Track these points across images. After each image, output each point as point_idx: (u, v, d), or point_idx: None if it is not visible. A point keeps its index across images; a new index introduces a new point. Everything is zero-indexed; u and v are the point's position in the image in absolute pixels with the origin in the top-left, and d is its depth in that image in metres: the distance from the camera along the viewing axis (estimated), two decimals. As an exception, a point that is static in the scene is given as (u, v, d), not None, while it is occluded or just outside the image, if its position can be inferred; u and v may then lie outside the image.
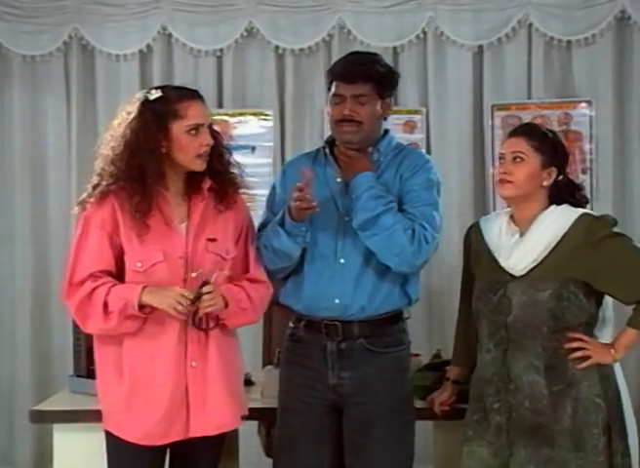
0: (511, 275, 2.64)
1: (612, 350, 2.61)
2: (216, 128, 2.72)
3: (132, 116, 2.54)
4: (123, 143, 2.53)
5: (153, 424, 2.54)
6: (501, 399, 2.62)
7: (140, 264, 2.54)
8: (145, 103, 2.56)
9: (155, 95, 2.57)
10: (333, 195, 2.78)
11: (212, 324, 2.58)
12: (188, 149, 2.55)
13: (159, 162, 2.54)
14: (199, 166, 2.58)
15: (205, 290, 2.49)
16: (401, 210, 2.71)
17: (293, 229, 2.69)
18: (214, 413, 2.58)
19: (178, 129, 2.54)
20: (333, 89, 2.77)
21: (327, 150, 2.85)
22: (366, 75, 2.73)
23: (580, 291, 2.58)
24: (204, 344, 2.58)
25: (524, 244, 2.64)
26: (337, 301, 2.73)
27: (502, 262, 2.66)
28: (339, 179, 2.79)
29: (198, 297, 2.49)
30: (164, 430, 2.54)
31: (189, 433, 2.56)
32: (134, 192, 2.51)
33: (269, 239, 2.74)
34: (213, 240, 2.61)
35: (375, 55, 2.96)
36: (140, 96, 2.60)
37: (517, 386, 2.60)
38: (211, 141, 2.57)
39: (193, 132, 2.55)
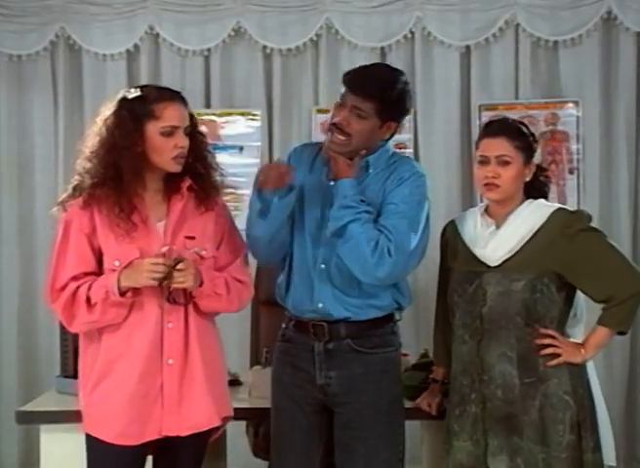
0: (487, 266, 2.68)
1: (582, 350, 2.63)
2: (203, 129, 2.71)
3: (108, 114, 2.55)
4: (99, 141, 2.54)
5: (127, 423, 2.53)
6: (476, 389, 2.66)
7: (117, 263, 2.53)
8: (123, 102, 2.55)
9: (134, 93, 2.57)
10: (322, 199, 2.75)
11: (183, 300, 2.56)
12: (162, 151, 2.54)
13: (135, 161, 2.52)
14: (174, 168, 2.57)
15: (179, 266, 2.49)
16: (376, 221, 2.66)
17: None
18: (188, 413, 2.56)
19: (152, 129, 2.53)
20: (341, 91, 2.72)
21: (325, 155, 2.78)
22: (371, 94, 2.64)
23: (552, 284, 2.62)
24: (183, 342, 2.57)
25: (500, 235, 2.68)
26: (320, 305, 2.72)
27: (478, 251, 2.70)
28: (332, 183, 2.74)
29: (170, 273, 2.49)
30: (139, 429, 2.54)
31: (162, 432, 2.55)
32: (110, 191, 2.51)
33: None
34: (191, 238, 2.60)
35: (396, 74, 2.76)
36: (120, 94, 2.60)
37: (490, 376, 2.64)
38: (186, 144, 2.55)
39: (168, 133, 2.54)
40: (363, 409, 2.72)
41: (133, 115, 2.52)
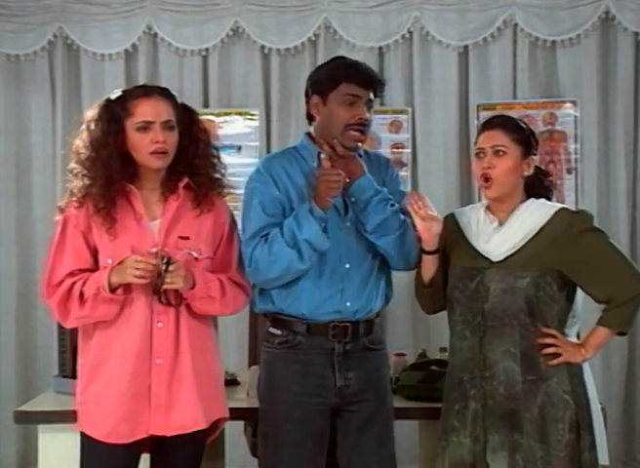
0: (489, 262, 2.67)
1: (582, 350, 2.64)
2: (206, 127, 2.70)
3: (92, 115, 2.59)
4: (84, 142, 2.58)
5: (116, 422, 2.53)
6: (477, 386, 2.65)
7: (110, 260, 2.55)
8: (106, 103, 2.60)
9: (116, 94, 2.61)
10: (334, 201, 2.71)
11: (174, 301, 2.56)
12: (140, 147, 2.56)
13: (118, 160, 2.54)
14: (154, 164, 2.57)
15: (171, 268, 2.49)
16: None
17: (320, 218, 2.63)
18: (175, 414, 2.56)
19: (129, 126, 2.56)
20: (343, 90, 2.70)
21: (322, 154, 2.73)
22: (376, 82, 2.75)
23: (554, 282, 2.62)
24: (174, 342, 2.57)
25: (504, 231, 2.68)
26: (348, 304, 2.73)
27: (482, 246, 2.69)
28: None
29: (160, 274, 2.49)
30: (129, 427, 2.53)
31: (149, 431, 2.55)
32: (96, 190, 2.53)
33: (293, 233, 2.63)
34: (185, 238, 2.60)
35: None
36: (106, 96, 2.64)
37: (493, 373, 2.63)
38: (164, 139, 2.55)
39: (142, 129, 2.55)
40: (379, 405, 2.76)
41: (112, 115, 2.56)
